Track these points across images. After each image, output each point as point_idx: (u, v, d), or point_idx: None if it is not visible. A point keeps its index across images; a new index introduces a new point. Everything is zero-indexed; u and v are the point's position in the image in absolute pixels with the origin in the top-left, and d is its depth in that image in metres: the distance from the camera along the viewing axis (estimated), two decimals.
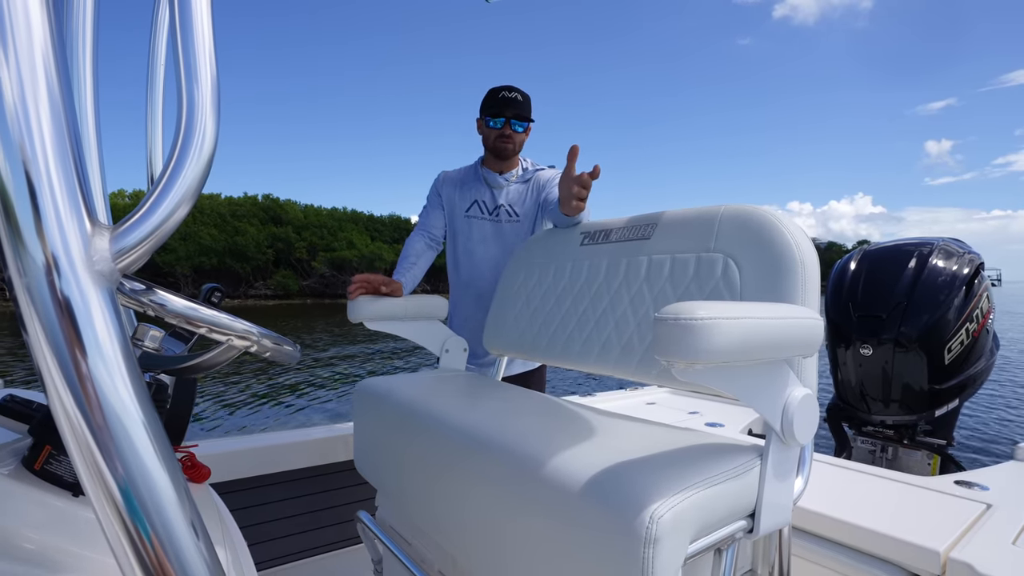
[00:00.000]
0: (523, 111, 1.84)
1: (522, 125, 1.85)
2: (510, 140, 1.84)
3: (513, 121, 1.83)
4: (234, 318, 0.64)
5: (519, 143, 1.87)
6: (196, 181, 0.39)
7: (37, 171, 0.31)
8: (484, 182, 1.93)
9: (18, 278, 0.31)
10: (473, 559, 0.95)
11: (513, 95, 1.83)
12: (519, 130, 1.85)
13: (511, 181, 1.91)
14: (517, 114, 1.83)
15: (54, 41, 0.32)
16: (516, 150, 1.88)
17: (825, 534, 1.15)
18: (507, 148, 1.85)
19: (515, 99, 1.83)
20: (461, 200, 1.94)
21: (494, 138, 1.86)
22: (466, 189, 1.94)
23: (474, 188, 1.93)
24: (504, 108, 1.82)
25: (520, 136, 1.87)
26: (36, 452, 0.62)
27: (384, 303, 1.53)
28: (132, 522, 0.33)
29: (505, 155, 1.87)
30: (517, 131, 1.85)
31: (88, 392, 0.32)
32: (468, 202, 1.93)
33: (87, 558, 0.58)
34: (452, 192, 1.96)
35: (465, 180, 1.96)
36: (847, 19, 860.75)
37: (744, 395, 0.73)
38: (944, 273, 1.95)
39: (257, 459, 1.54)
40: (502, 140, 1.85)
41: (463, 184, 1.95)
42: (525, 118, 1.85)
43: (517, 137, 1.86)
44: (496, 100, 1.84)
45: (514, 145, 1.86)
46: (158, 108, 0.88)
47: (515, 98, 1.83)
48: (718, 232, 1.08)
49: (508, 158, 1.88)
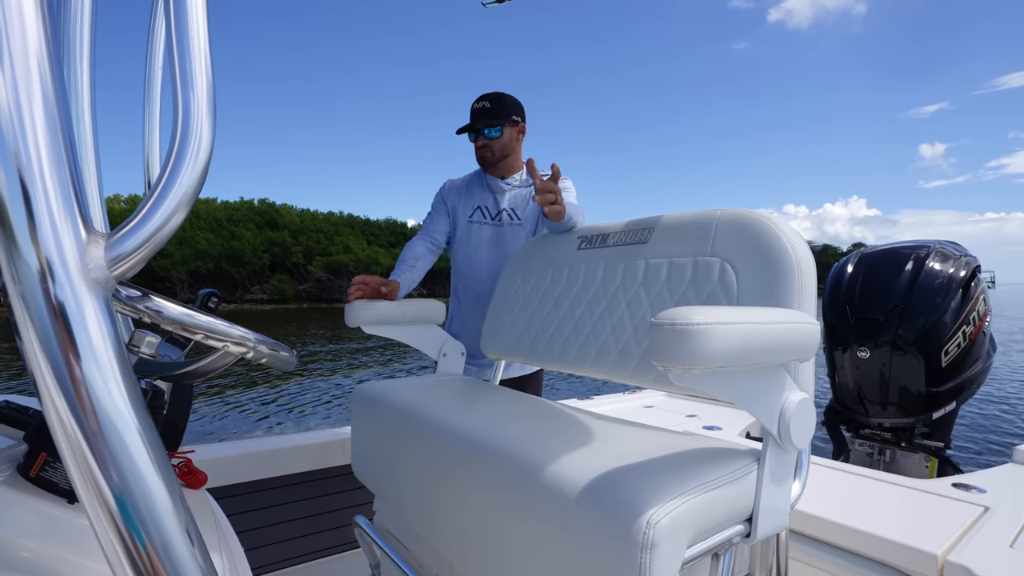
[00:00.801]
0: (493, 116, 1.84)
1: (496, 129, 1.85)
2: (487, 148, 1.87)
3: (484, 130, 1.84)
4: (230, 324, 0.64)
5: (500, 147, 1.87)
6: (192, 187, 0.39)
7: (32, 178, 0.31)
8: (487, 188, 1.95)
9: (13, 285, 0.31)
10: (470, 564, 0.94)
11: (480, 104, 1.85)
12: (495, 134, 1.85)
13: (513, 185, 1.94)
14: (487, 122, 1.84)
15: (49, 46, 0.32)
16: (501, 154, 1.89)
17: (823, 537, 1.15)
18: (486, 156, 1.88)
19: (482, 108, 1.84)
20: (465, 207, 1.97)
21: (475, 150, 1.90)
22: (470, 195, 1.97)
23: (477, 194, 1.96)
24: (474, 121, 1.85)
25: (498, 141, 1.86)
26: (31, 459, 0.61)
27: (381, 307, 1.53)
28: (127, 529, 0.33)
29: (486, 163, 1.90)
30: (492, 137, 1.85)
31: (82, 398, 0.32)
32: (471, 208, 1.96)
33: (83, 566, 0.57)
34: (456, 199, 1.99)
35: (469, 187, 1.99)
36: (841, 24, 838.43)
37: (741, 400, 0.73)
38: (941, 276, 1.96)
39: (254, 464, 1.53)
40: (481, 150, 1.88)
41: (467, 191, 1.98)
42: (496, 123, 1.85)
43: (495, 143, 1.86)
44: (471, 114, 1.87)
45: (493, 152, 1.87)
46: (155, 113, 0.88)
47: (482, 107, 1.85)
48: (715, 236, 1.09)
49: (491, 165, 1.91)
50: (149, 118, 0.88)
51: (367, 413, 1.31)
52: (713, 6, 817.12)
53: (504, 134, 1.86)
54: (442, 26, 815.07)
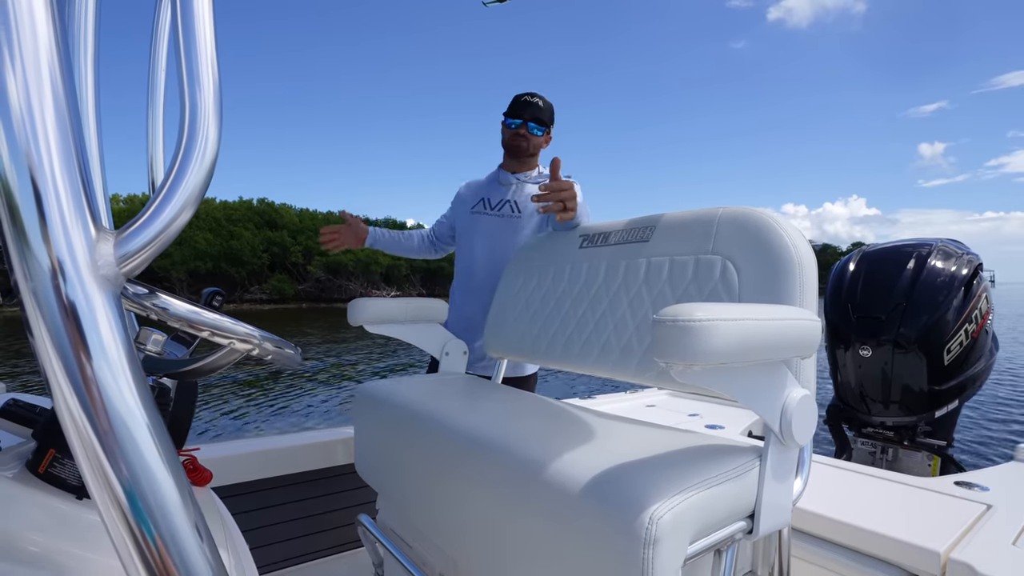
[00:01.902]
0: (542, 115, 1.93)
1: (540, 129, 1.94)
2: (524, 139, 1.93)
3: (531, 124, 1.92)
4: (236, 321, 0.64)
5: (534, 145, 1.95)
6: (199, 185, 0.40)
7: (43, 176, 0.31)
8: (497, 183, 2.01)
9: (24, 282, 0.31)
10: (474, 562, 0.94)
11: (535, 100, 1.93)
12: (537, 133, 1.94)
13: (524, 181, 1.98)
14: (535, 117, 1.92)
15: (59, 47, 0.32)
16: (531, 151, 1.95)
17: (825, 535, 1.15)
18: (520, 146, 1.93)
19: (535, 103, 1.93)
20: (471, 199, 2.03)
21: (510, 135, 1.95)
22: (478, 189, 2.04)
23: (486, 188, 2.02)
24: (523, 110, 1.92)
25: (536, 139, 1.95)
26: (40, 456, 0.61)
27: (384, 306, 1.53)
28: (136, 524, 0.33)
29: (518, 153, 1.95)
30: (534, 133, 1.93)
31: (93, 395, 0.32)
32: (476, 200, 2.01)
33: (91, 560, 0.57)
34: (466, 193, 2.07)
35: (481, 184, 2.06)
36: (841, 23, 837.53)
37: (743, 396, 0.74)
38: (943, 274, 1.96)
39: (258, 463, 1.53)
40: (517, 138, 1.93)
41: (478, 187, 2.05)
42: (543, 123, 1.94)
43: (533, 139, 1.94)
44: (518, 103, 1.94)
45: (528, 145, 1.94)
46: (159, 113, 0.88)
47: (536, 103, 1.93)
48: (716, 234, 1.09)
49: (521, 156, 1.96)
50: (152, 119, 0.88)
51: (370, 412, 1.31)
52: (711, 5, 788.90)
53: (543, 136, 1.96)
54: (442, 25, 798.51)
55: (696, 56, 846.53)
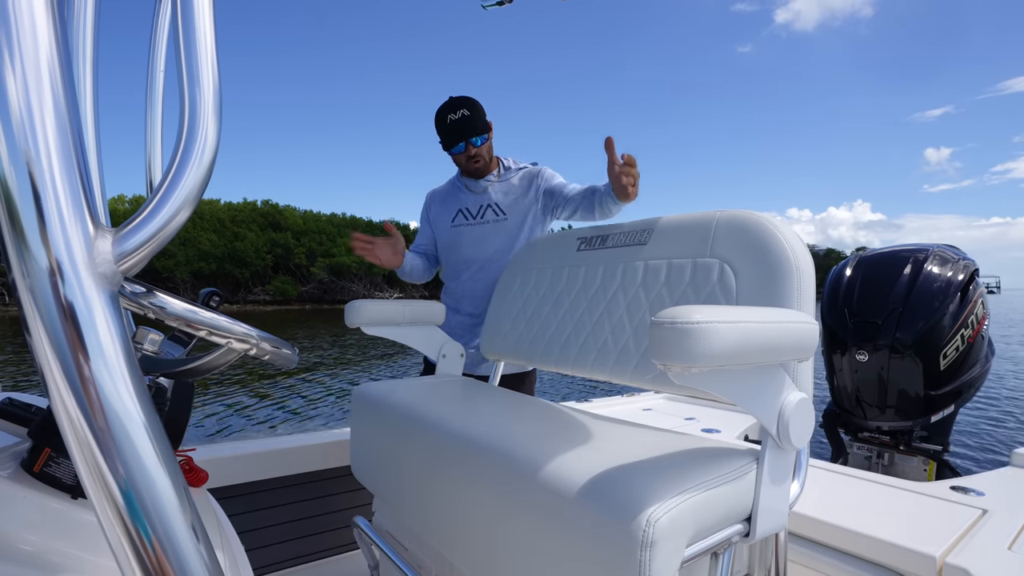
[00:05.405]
0: (477, 124, 1.80)
1: (482, 137, 1.83)
2: (478, 159, 1.85)
3: (472, 140, 1.81)
4: (233, 321, 0.65)
5: (487, 153, 1.87)
6: (198, 185, 0.40)
7: (41, 174, 0.31)
8: (466, 190, 1.95)
9: (22, 280, 0.31)
10: (470, 564, 0.95)
11: (459, 115, 1.79)
12: (482, 143, 1.83)
13: (492, 182, 1.93)
14: (472, 131, 1.80)
15: (59, 46, 0.32)
16: (488, 160, 1.89)
17: (821, 539, 1.15)
18: (479, 166, 1.86)
19: (463, 119, 1.79)
20: (446, 214, 1.97)
21: (464, 161, 1.87)
22: (450, 202, 1.97)
23: (457, 199, 1.96)
24: (459, 134, 1.80)
25: (486, 146, 1.86)
26: (35, 455, 0.62)
27: (382, 308, 1.53)
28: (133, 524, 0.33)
29: (480, 174, 1.90)
30: (481, 145, 1.84)
31: (90, 394, 0.32)
32: (453, 213, 1.95)
33: (85, 560, 0.58)
34: (439, 210, 1.99)
35: (448, 193, 2.00)
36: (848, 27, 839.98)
37: (740, 399, 0.74)
38: (939, 279, 1.96)
39: (254, 464, 1.53)
40: (471, 161, 1.85)
41: (446, 198, 1.99)
42: (482, 130, 1.82)
43: (484, 150, 1.85)
44: (448, 127, 1.81)
45: (485, 159, 1.86)
46: (157, 112, 0.88)
47: (462, 117, 1.79)
48: (714, 237, 1.09)
49: (484, 173, 1.91)
50: (151, 118, 0.88)
51: (366, 414, 1.31)
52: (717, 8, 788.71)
53: (488, 140, 1.86)
54: (447, 28, 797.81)
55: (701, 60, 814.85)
